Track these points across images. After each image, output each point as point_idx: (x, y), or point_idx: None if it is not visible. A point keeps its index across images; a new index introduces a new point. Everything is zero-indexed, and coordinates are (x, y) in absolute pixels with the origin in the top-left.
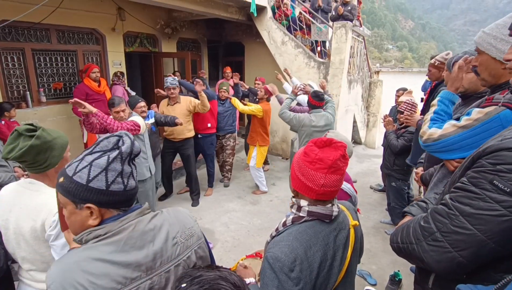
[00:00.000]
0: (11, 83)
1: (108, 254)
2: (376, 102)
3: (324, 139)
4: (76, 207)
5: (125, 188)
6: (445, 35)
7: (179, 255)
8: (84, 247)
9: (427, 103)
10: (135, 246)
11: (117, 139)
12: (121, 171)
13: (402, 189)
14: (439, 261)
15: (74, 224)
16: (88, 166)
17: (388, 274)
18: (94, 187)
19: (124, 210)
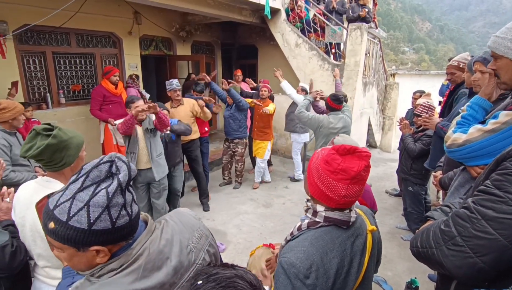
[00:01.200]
0: (32, 85)
1: (129, 284)
2: (392, 105)
3: (347, 147)
4: (78, 251)
5: (130, 217)
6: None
7: (195, 261)
8: (100, 283)
9: (445, 106)
10: (154, 268)
11: (109, 166)
12: (123, 203)
13: (419, 193)
14: (459, 266)
15: (79, 265)
16: (86, 208)
17: (404, 281)
18: (99, 229)
19: (131, 238)
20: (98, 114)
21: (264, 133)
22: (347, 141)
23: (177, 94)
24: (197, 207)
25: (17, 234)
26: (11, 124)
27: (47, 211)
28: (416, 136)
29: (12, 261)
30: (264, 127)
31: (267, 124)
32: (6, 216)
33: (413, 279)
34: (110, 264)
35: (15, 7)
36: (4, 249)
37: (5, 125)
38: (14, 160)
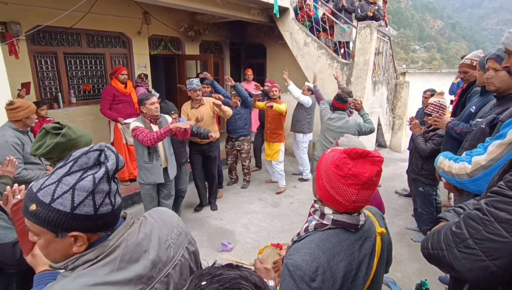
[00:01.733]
0: (44, 85)
1: (105, 276)
2: (402, 104)
3: (359, 151)
4: (57, 236)
5: (113, 207)
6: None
7: (174, 257)
8: (74, 275)
9: (457, 105)
10: (131, 260)
11: (98, 154)
12: (108, 191)
13: (430, 194)
14: (471, 269)
15: (54, 253)
16: (71, 191)
17: (414, 283)
18: (81, 214)
19: (111, 230)
20: (108, 114)
21: (277, 135)
22: (351, 142)
23: (197, 94)
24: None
25: None
26: (24, 123)
27: (29, 194)
28: (426, 136)
29: (22, 257)
30: (277, 128)
31: (280, 126)
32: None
33: (423, 281)
34: (86, 255)
35: (28, 8)
36: (15, 245)
37: (18, 124)
38: (26, 158)
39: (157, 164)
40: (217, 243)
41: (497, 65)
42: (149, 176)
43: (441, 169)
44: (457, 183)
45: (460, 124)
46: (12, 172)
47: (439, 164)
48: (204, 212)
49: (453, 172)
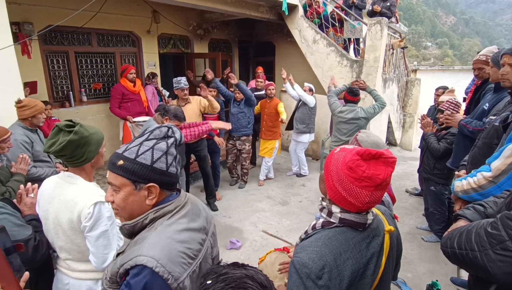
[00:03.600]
0: (56, 84)
1: (187, 224)
2: (413, 102)
3: (372, 152)
4: (135, 188)
5: (177, 171)
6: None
7: (210, 224)
8: (165, 224)
9: (471, 103)
10: (196, 214)
11: (167, 129)
12: (175, 156)
13: (442, 193)
14: (508, 273)
15: (132, 205)
16: (151, 149)
17: (424, 283)
18: (157, 168)
19: (173, 191)
20: (117, 112)
21: (273, 133)
22: (370, 137)
23: (184, 94)
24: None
25: (40, 228)
26: (31, 122)
27: (116, 154)
28: (439, 134)
29: (35, 255)
30: (273, 126)
31: (276, 123)
32: (30, 211)
33: (435, 281)
34: (167, 206)
35: (40, 8)
36: (28, 243)
37: (26, 122)
38: (35, 156)
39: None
40: (226, 241)
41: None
42: None
43: (461, 192)
44: (481, 196)
45: (473, 122)
46: (25, 170)
47: (456, 188)
48: None
49: (475, 186)
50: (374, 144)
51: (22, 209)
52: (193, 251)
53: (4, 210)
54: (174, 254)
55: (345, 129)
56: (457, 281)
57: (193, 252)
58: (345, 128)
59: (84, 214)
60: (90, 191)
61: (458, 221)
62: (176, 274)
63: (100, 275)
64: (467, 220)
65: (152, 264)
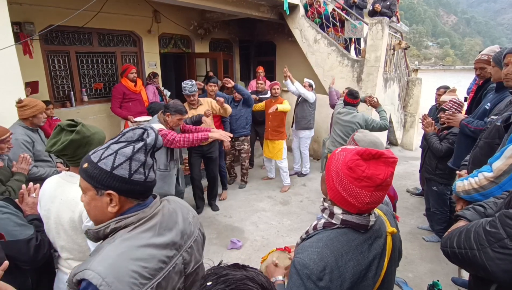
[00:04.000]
0: (57, 83)
1: (149, 239)
2: (414, 101)
3: (372, 152)
4: (97, 194)
5: (145, 179)
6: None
7: (193, 232)
8: (121, 239)
9: (472, 102)
10: (167, 227)
11: (142, 132)
12: (144, 162)
13: (444, 193)
14: (507, 271)
15: (94, 210)
16: (114, 154)
17: (426, 283)
18: (117, 175)
19: (142, 200)
20: (118, 112)
21: (278, 133)
22: (367, 136)
23: (191, 99)
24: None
25: (41, 228)
26: (32, 122)
27: (86, 157)
28: (441, 134)
29: (37, 254)
30: (279, 126)
31: (282, 123)
32: (32, 211)
33: (436, 281)
34: (129, 217)
35: (41, 8)
36: (29, 242)
37: (27, 122)
38: (36, 155)
39: (172, 174)
40: (226, 241)
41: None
42: (162, 186)
43: (462, 192)
44: (483, 196)
45: (475, 121)
46: (26, 169)
47: (458, 188)
48: (207, 211)
49: (476, 186)
50: (371, 143)
51: (24, 208)
52: (149, 271)
53: (6, 210)
54: (123, 273)
55: (339, 131)
56: (458, 281)
57: (149, 271)
58: (339, 129)
59: (86, 214)
60: None
61: (458, 222)
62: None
63: None
64: (467, 220)
65: (97, 282)
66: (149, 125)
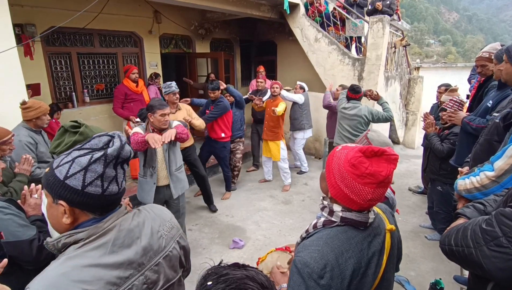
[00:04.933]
0: (59, 85)
1: (97, 258)
2: (416, 99)
3: (374, 149)
4: (53, 201)
5: (103, 192)
6: (494, 26)
7: (165, 247)
8: (65, 257)
9: (474, 100)
10: (123, 245)
11: (108, 140)
12: (101, 174)
13: (449, 194)
14: (502, 269)
15: (51, 219)
16: (70, 162)
17: (428, 282)
18: (69, 185)
19: (99, 214)
20: (120, 112)
21: (274, 133)
22: (380, 137)
23: (176, 97)
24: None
25: (44, 228)
26: (35, 123)
27: (52, 162)
28: (442, 134)
29: (39, 254)
30: (275, 126)
31: (277, 124)
32: (34, 212)
33: (438, 280)
34: (78, 233)
35: (42, 10)
36: (32, 243)
37: (30, 123)
38: (39, 157)
39: (150, 182)
40: (228, 240)
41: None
42: (139, 192)
43: (464, 191)
44: (485, 195)
45: (476, 119)
46: (28, 170)
47: (459, 187)
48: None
49: (477, 185)
50: (384, 144)
51: (26, 209)
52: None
53: (9, 211)
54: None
55: (347, 125)
56: (460, 279)
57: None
58: (347, 124)
59: None
60: None
61: (458, 219)
62: None
63: None
64: (466, 218)
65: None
66: (118, 133)
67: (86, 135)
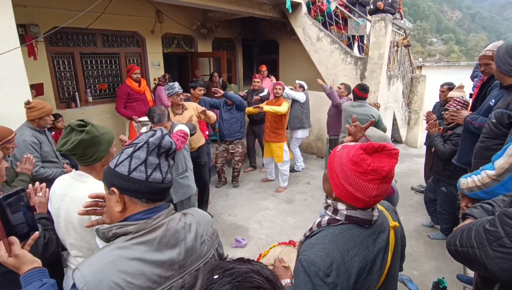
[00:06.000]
0: (62, 85)
1: (143, 253)
2: (419, 98)
3: (375, 145)
4: (109, 192)
5: (147, 178)
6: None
7: (206, 253)
8: (115, 246)
9: (477, 99)
10: (168, 244)
11: (152, 133)
12: (144, 160)
13: (453, 194)
14: (505, 269)
15: (108, 210)
16: (119, 153)
17: (431, 281)
18: (118, 172)
19: (147, 203)
20: (122, 112)
21: (277, 134)
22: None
23: (180, 98)
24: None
25: (49, 227)
26: (38, 123)
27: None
28: (445, 135)
29: (45, 252)
30: (278, 128)
31: (280, 124)
32: (39, 210)
33: (441, 279)
34: (129, 226)
35: (46, 10)
36: (37, 241)
37: (33, 123)
38: (43, 157)
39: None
40: (231, 239)
41: None
42: None
43: (466, 189)
44: (486, 194)
45: (479, 118)
46: (30, 170)
47: (462, 185)
48: (218, 208)
49: (479, 184)
50: (381, 139)
51: None
52: (133, 288)
53: None
54: (105, 283)
55: None
56: (463, 278)
57: (133, 289)
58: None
59: None
60: (100, 189)
61: (466, 220)
62: None
63: None
64: (474, 219)
65: (80, 285)
66: (162, 128)
67: (92, 134)
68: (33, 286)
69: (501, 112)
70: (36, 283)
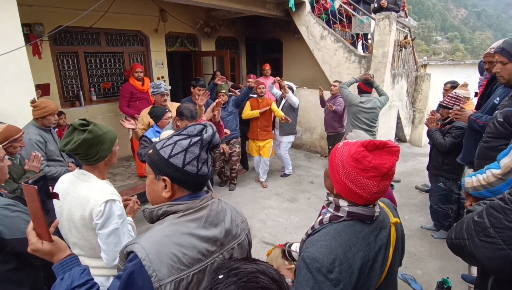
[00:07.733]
0: (66, 83)
1: (193, 229)
2: (423, 97)
3: (376, 142)
4: (155, 178)
5: (197, 171)
6: (504, 23)
7: (240, 236)
8: (168, 223)
9: (482, 97)
10: (212, 223)
11: (202, 127)
12: (197, 155)
13: (451, 190)
14: (491, 258)
15: (152, 193)
16: (173, 144)
17: (435, 281)
18: (172, 163)
19: (193, 191)
20: (126, 111)
21: (268, 132)
22: (359, 137)
23: (164, 99)
24: None
25: None
26: (42, 122)
27: (153, 145)
28: (443, 129)
29: None
30: (268, 126)
31: (270, 122)
32: None
33: (445, 278)
34: (179, 205)
35: (50, 9)
36: None
37: (38, 122)
38: (48, 155)
39: None
40: None
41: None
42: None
43: (471, 188)
44: (491, 193)
45: (483, 116)
46: (37, 167)
47: (467, 185)
48: None
49: (484, 183)
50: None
51: None
52: (188, 259)
53: (16, 208)
54: (164, 254)
55: (365, 118)
56: (468, 278)
57: (188, 259)
58: (365, 117)
59: (96, 212)
60: (102, 189)
61: None
62: (160, 275)
63: (111, 271)
64: None
65: (142, 255)
66: (209, 123)
67: (95, 133)
68: (75, 271)
69: (510, 110)
70: (77, 268)
